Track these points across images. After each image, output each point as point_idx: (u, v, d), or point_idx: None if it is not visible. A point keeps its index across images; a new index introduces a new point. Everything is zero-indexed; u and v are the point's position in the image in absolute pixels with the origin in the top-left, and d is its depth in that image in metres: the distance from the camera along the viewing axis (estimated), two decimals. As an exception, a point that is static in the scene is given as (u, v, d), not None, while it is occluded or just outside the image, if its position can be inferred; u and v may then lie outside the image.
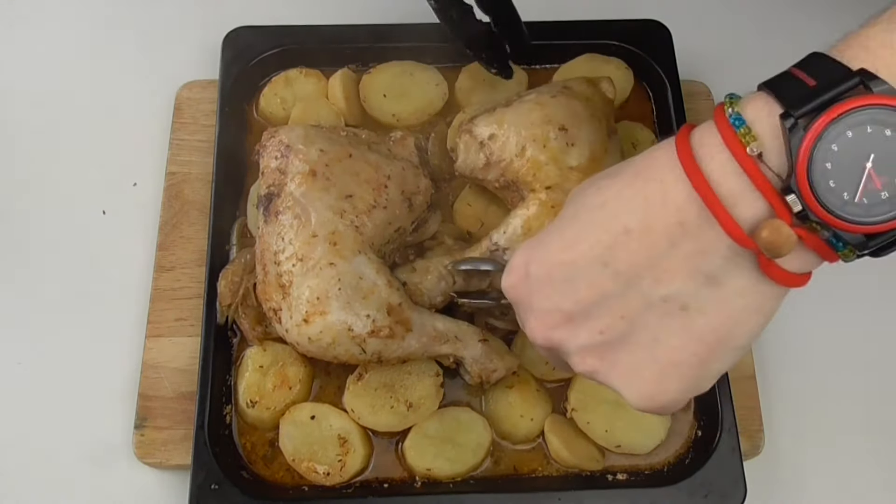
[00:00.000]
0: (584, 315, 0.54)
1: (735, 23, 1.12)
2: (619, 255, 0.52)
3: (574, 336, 0.55)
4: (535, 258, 0.57)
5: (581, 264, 0.54)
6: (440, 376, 0.85)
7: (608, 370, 0.55)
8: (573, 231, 0.55)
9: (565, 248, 0.55)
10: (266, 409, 0.84)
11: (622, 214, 0.53)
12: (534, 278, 0.56)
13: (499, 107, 0.90)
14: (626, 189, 0.53)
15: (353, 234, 0.82)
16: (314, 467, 0.82)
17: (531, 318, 0.57)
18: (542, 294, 0.56)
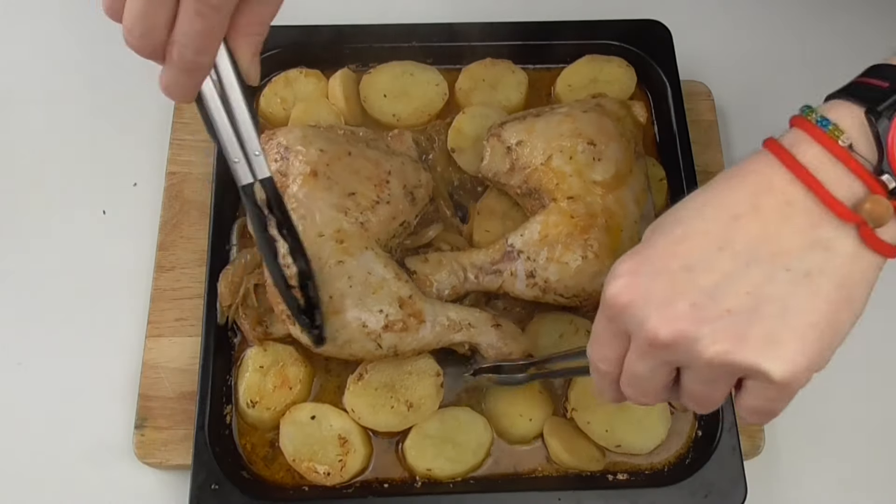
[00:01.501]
0: (708, 298, 0.55)
1: (735, 23, 1.12)
2: (733, 237, 0.55)
3: (702, 321, 0.55)
4: (643, 258, 0.58)
5: (696, 253, 0.56)
6: (440, 376, 0.85)
7: (741, 347, 0.55)
8: (679, 230, 0.57)
9: (675, 242, 0.57)
10: (266, 409, 0.84)
11: (728, 206, 0.56)
12: (646, 275, 0.57)
13: (529, 115, 0.90)
14: (724, 189, 0.58)
15: (359, 231, 0.82)
16: (314, 467, 0.82)
17: (651, 315, 0.56)
18: (659, 288, 0.56)
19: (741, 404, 0.59)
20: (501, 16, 1.05)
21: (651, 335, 0.56)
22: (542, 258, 0.84)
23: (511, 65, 1.01)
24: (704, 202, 0.58)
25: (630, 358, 0.59)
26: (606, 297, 0.58)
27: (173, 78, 0.64)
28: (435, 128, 0.98)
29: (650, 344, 0.57)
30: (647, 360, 0.58)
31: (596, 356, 0.62)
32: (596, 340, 0.62)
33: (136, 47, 0.63)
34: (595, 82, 1.00)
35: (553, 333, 0.88)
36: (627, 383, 0.61)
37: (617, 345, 0.60)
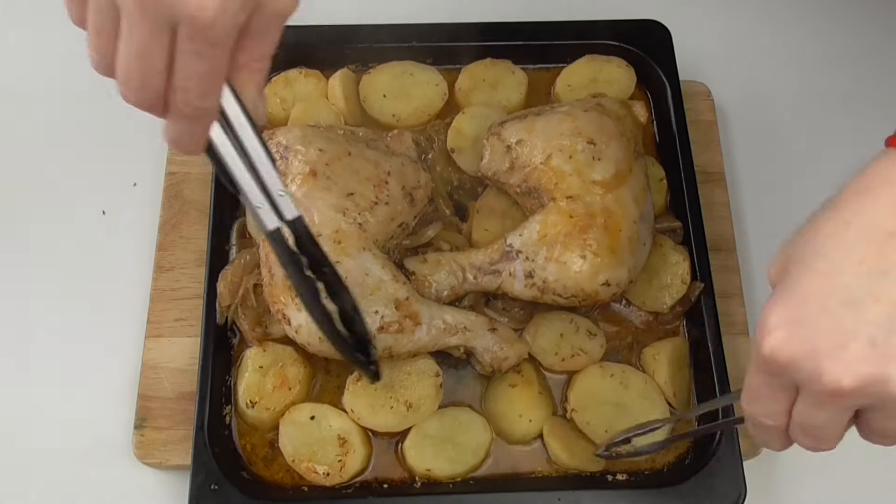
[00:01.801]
0: (887, 332, 0.50)
1: (735, 23, 1.12)
2: (893, 259, 0.51)
3: (887, 358, 0.50)
4: (796, 303, 0.52)
5: (857, 283, 0.51)
6: (440, 377, 0.85)
7: None
8: (826, 262, 0.52)
9: (829, 276, 0.51)
10: (266, 409, 0.84)
11: (874, 225, 0.51)
12: (807, 321, 0.51)
13: (530, 114, 0.90)
14: (864, 204, 0.52)
15: (357, 232, 0.82)
16: (314, 468, 0.82)
17: (826, 364, 0.51)
18: (827, 332, 0.51)
19: None
20: (501, 16, 1.05)
21: (832, 386, 0.51)
22: (541, 258, 0.84)
23: (511, 65, 1.01)
24: (844, 225, 0.52)
25: (804, 409, 0.54)
26: (764, 354, 0.53)
27: (180, 128, 0.59)
28: (435, 128, 0.98)
29: (831, 395, 0.51)
30: (826, 409, 0.53)
31: (759, 413, 0.57)
32: (756, 397, 0.57)
33: (135, 101, 0.57)
34: (595, 82, 1.00)
35: (553, 333, 0.88)
36: (803, 434, 0.56)
37: (783, 398, 0.55)
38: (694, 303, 0.90)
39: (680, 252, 0.91)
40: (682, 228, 0.93)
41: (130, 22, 0.55)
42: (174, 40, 0.55)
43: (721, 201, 0.97)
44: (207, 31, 0.54)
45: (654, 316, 0.91)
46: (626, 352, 0.90)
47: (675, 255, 0.91)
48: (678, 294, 0.90)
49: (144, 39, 0.55)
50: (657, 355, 0.88)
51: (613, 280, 0.83)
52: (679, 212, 0.94)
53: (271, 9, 0.59)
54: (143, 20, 0.54)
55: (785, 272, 0.54)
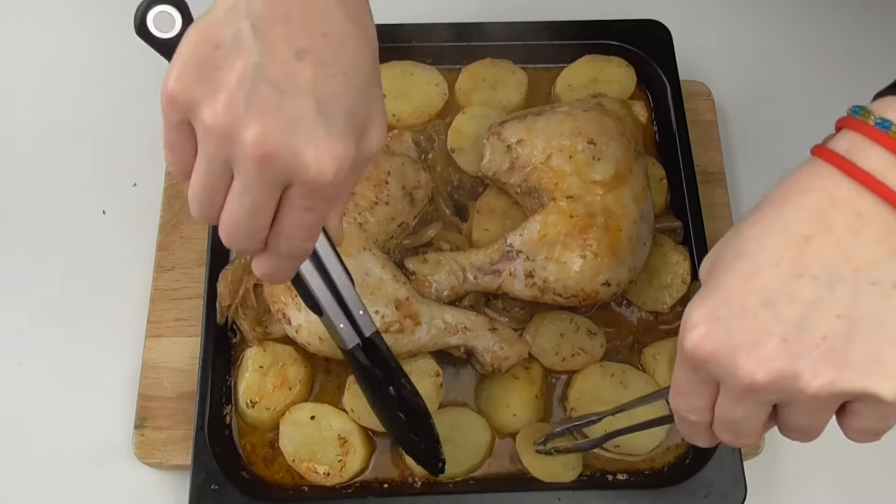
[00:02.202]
0: (798, 330, 0.52)
1: (735, 23, 1.12)
2: (808, 262, 0.52)
3: (797, 355, 0.52)
4: (717, 301, 0.54)
5: (774, 284, 0.53)
6: (440, 376, 0.85)
7: (845, 374, 0.52)
8: (747, 263, 0.54)
9: (747, 277, 0.53)
10: (266, 409, 0.84)
11: (794, 229, 0.53)
12: (727, 319, 0.53)
13: (530, 114, 0.91)
14: (785, 208, 0.54)
15: (357, 232, 0.82)
16: (314, 468, 0.82)
17: (742, 359, 0.53)
18: (743, 329, 0.53)
19: (850, 427, 0.56)
20: (501, 16, 1.05)
21: (747, 381, 0.53)
22: (541, 258, 0.84)
23: (511, 65, 1.01)
24: (766, 229, 0.54)
25: (723, 404, 0.56)
26: (686, 350, 0.55)
27: (276, 266, 0.61)
28: (435, 128, 0.98)
29: (747, 389, 0.53)
30: (744, 404, 0.55)
31: (683, 408, 0.59)
32: (681, 393, 0.59)
33: (238, 248, 0.59)
34: (595, 82, 1.00)
35: (554, 333, 0.88)
36: (723, 429, 0.58)
37: (706, 393, 0.57)
38: (694, 303, 0.90)
39: (680, 252, 0.91)
40: (682, 228, 0.93)
41: (246, 183, 0.55)
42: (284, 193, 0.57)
43: (721, 201, 0.97)
44: (322, 191, 0.56)
45: (655, 316, 0.91)
46: (627, 352, 0.90)
47: (675, 255, 0.91)
48: (678, 294, 0.90)
49: (259, 199, 0.56)
50: (657, 355, 0.88)
51: (614, 280, 0.83)
52: (679, 212, 0.94)
53: (365, 151, 0.60)
54: (261, 182, 0.55)
55: (710, 272, 0.56)
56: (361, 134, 0.59)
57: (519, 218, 0.92)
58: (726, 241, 0.57)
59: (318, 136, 0.55)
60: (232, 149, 0.54)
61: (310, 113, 0.54)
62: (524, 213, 0.91)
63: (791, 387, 0.53)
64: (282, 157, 0.54)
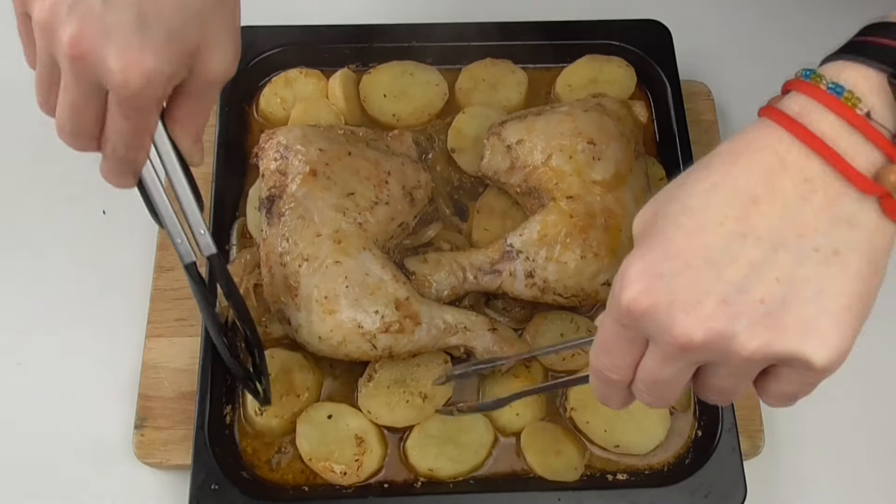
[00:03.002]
0: (738, 291, 0.52)
1: (735, 23, 1.13)
2: (754, 223, 0.52)
3: (735, 316, 0.52)
4: (659, 256, 0.53)
5: (717, 244, 0.52)
6: (449, 363, 0.86)
7: (781, 337, 0.52)
8: (692, 220, 0.53)
9: (693, 233, 0.53)
10: (274, 417, 0.84)
11: (741, 189, 0.53)
12: (668, 275, 0.53)
13: (530, 114, 0.91)
14: (733, 167, 0.54)
15: (357, 232, 0.82)
16: (331, 467, 0.82)
17: (680, 317, 0.52)
18: (682, 288, 0.52)
19: (770, 391, 0.56)
20: (501, 16, 1.05)
21: (682, 339, 0.53)
22: (541, 258, 0.84)
23: (511, 65, 1.01)
24: (712, 187, 0.54)
25: (650, 364, 0.56)
26: (621, 304, 0.54)
27: (110, 170, 0.66)
28: (435, 128, 0.99)
29: (681, 348, 0.53)
30: (672, 363, 0.55)
31: (605, 366, 0.59)
32: (604, 350, 0.58)
33: (70, 143, 0.64)
34: (595, 82, 1.00)
35: (554, 333, 0.88)
36: (646, 389, 0.58)
37: (631, 351, 0.57)
38: (694, 303, 0.90)
39: (680, 252, 0.91)
40: (682, 228, 0.93)
41: (65, 80, 0.61)
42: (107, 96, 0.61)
43: (721, 201, 0.97)
44: (132, 101, 0.60)
45: (655, 316, 0.91)
46: (626, 352, 0.90)
47: (675, 255, 0.91)
48: (678, 294, 0.90)
49: (77, 97, 0.61)
50: (657, 355, 0.88)
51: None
52: (679, 212, 0.94)
53: (203, 76, 0.64)
54: (76, 82, 0.60)
55: (651, 226, 0.55)
56: (192, 57, 0.63)
57: (519, 218, 0.92)
58: (669, 196, 0.56)
59: (129, 46, 0.59)
60: (53, 45, 0.60)
61: (127, 23, 0.59)
62: (524, 213, 0.91)
63: (726, 347, 0.53)
64: (91, 60, 0.58)
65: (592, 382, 0.62)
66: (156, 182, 0.68)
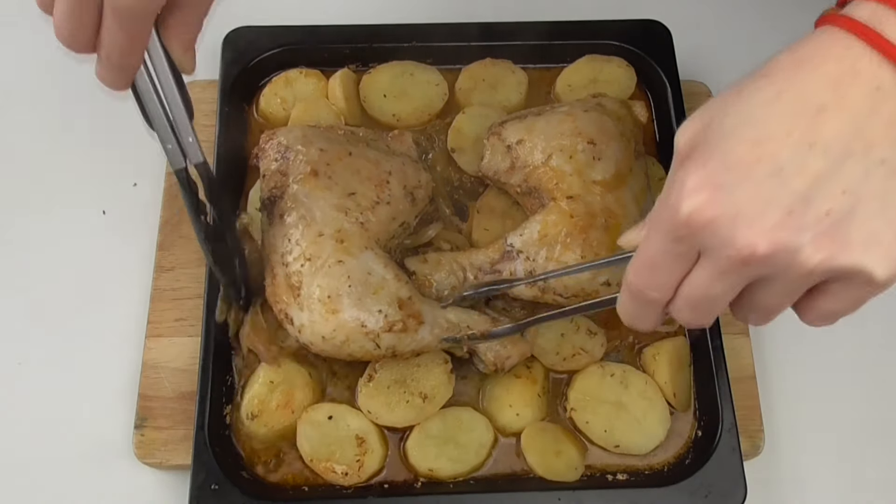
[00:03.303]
0: (804, 203, 0.51)
1: (735, 23, 1.13)
2: (822, 133, 0.51)
3: (800, 228, 0.51)
4: (719, 167, 0.52)
5: (784, 153, 0.51)
6: (448, 363, 0.86)
7: (844, 250, 0.51)
8: (756, 129, 0.52)
9: (757, 143, 0.51)
10: (264, 425, 0.84)
11: (808, 98, 0.51)
12: (730, 186, 0.51)
13: (530, 114, 0.91)
14: (798, 76, 0.52)
15: (359, 231, 0.82)
16: (332, 467, 0.82)
17: (742, 229, 0.51)
18: (748, 198, 0.51)
19: (815, 308, 0.56)
20: (501, 16, 1.05)
21: (745, 252, 0.51)
22: (542, 258, 0.84)
23: (511, 65, 1.01)
24: (775, 96, 0.52)
25: (700, 279, 0.54)
26: (679, 216, 0.52)
27: (104, 72, 0.66)
28: (435, 128, 0.99)
29: (742, 261, 0.52)
30: (727, 278, 0.53)
31: (646, 284, 0.57)
32: (648, 267, 0.56)
33: (66, 44, 0.64)
34: (595, 82, 1.00)
35: (554, 332, 0.88)
36: (688, 308, 0.56)
37: (679, 268, 0.55)
38: (694, 303, 0.90)
39: (680, 252, 0.91)
40: (682, 228, 0.93)
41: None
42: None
43: (721, 201, 0.97)
44: (125, 10, 0.61)
45: (655, 316, 0.91)
46: (627, 352, 0.90)
47: (675, 255, 0.91)
48: (678, 294, 0.90)
49: (73, 2, 0.61)
50: (657, 355, 0.88)
51: (614, 280, 0.83)
52: (679, 212, 0.94)
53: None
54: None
55: (704, 138, 0.54)
56: None
57: (519, 218, 0.92)
58: (723, 107, 0.54)
59: None
60: None
61: None
62: (524, 213, 0.91)
63: (788, 261, 0.51)
64: None
65: (624, 303, 0.60)
66: (149, 88, 0.69)
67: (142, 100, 0.70)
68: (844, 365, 0.93)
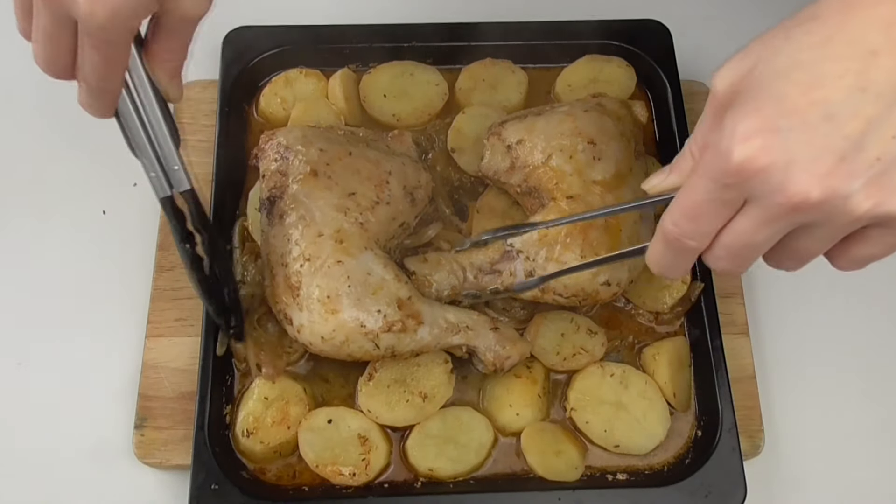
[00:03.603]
0: (856, 148, 0.50)
1: (735, 23, 1.12)
2: (874, 77, 0.50)
3: (852, 174, 0.50)
4: (774, 112, 0.51)
5: (837, 97, 0.50)
6: (449, 363, 0.86)
7: (892, 196, 0.51)
8: (807, 73, 0.51)
9: (809, 88, 0.50)
10: (260, 442, 0.83)
11: (860, 41, 0.51)
12: (785, 130, 0.50)
13: (530, 114, 0.90)
14: (848, 19, 0.51)
15: (359, 231, 0.82)
16: (339, 470, 0.82)
17: (796, 174, 0.50)
18: (802, 143, 0.50)
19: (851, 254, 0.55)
20: (501, 16, 1.05)
21: (798, 199, 0.50)
22: (541, 258, 0.84)
23: (511, 65, 1.01)
24: (826, 39, 0.51)
25: (745, 227, 0.54)
26: (731, 162, 0.51)
27: (85, 98, 0.66)
28: (435, 128, 0.99)
29: (793, 208, 0.51)
30: (774, 225, 0.53)
31: (686, 232, 0.56)
32: (690, 214, 0.56)
33: (45, 69, 0.65)
34: (595, 82, 1.00)
35: (554, 332, 0.88)
36: (728, 256, 0.56)
37: (724, 216, 0.55)
38: (694, 303, 0.90)
39: (680, 252, 0.91)
40: (682, 228, 0.93)
41: (37, 8, 0.62)
42: None
43: (721, 201, 0.97)
44: (100, 33, 0.60)
45: (655, 316, 0.91)
46: (627, 352, 0.90)
47: (675, 255, 0.91)
48: (678, 294, 0.90)
49: (49, 26, 0.62)
50: (657, 355, 0.88)
51: (614, 280, 0.83)
52: (679, 212, 0.94)
53: (178, 13, 0.65)
54: (46, 11, 0.61)
55: (750, 82, 0.53)
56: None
57: (519, 218, 0.92)
58: (770, 49, 0.53)
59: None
60: None
61: None
62: (524, 213, 0.91)
63: (839, 207, 0.51)
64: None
65: (657, 252, 0.60)
66: (132, 115, 0.69)
67: (125, 127, 0.70)
68: (844, 365, 0.93)
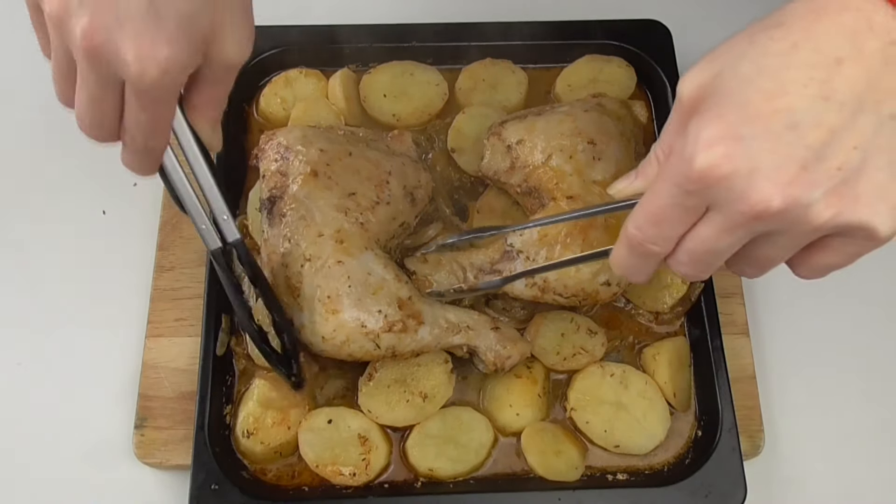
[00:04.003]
0: (817, 158, 0.50)
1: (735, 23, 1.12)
2: (837, 86, 0.50)
3: (813, 184, 0.50)
4: (738, 119, 0.51)
5: (801, 106, 0.50)
6: (449, 363, 0.86)
7: (852, 206, 0.51)
8: (772, 80, 0.51)
9: (773, 95, 0.50)
10: (260, 443, 0.83)
11: (826, 50, 0.51)
12: (748, 138, 0.50)
13: (530, 114, 0.90)
14: (814, 27, 0.52)
15: (359, 232, 0.82)
16: (339, 470, 0.82)
17: (758, 182, 0.50)
18: (764, 151, 0.50)
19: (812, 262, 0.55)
20: (501, 16, 1.05)
21: (759, 207, 0.50)
22: (542, 258, 0.84)
23: (511, 65, 1.01)
24: (792, 47, 0.51)
25: (707, 233, 0.54)
26: (694, 169, 0.51)
27: (130, 158, 0.66)
28: (435, 128, 0.99)
29: (755, 216, 0.51)
30: (735, 233, 0.53)
31: (649, 237, 0.57)
32: (654, 220, 0.56)
33: (90, 135, 0.64)
34: (595, 82, 1.00)
35: (554, 332, 0.88)
36: (691, 261, 0.56)
37: (686, 222, 0.55)
38: (694, 303, 0.90)
39: (680, 252, 0.91)
40: (682, 228, 0.93)
41: (81, 73, 0.60)
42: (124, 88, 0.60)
43: (721, 201, 0.97)
44: (149, 92, 0.59)
45: (655, 316, 0.91)
46: (627, 351, 0.90)
47: (675, 255, 0.91)
48: (678, 294, 0.90)
49: (95, 90, 0.60)
50: (657, 355, 0.88)
51: (614, 280, 0.83)
52: (679, 212, 0.94)
53: (219, 61, 0.64)
54: (92, 75, 0.59)
55: (715, 88, 0.53)
56: (207, 43, 0.62)
57: (519, 217, 0.92)
58: (735, 55, 0.53)
59: (143, 36, 0.57)
60: (67, 38, 0.59)
61: (139, 12, 0.57)
62: (524, 213, 0.91)
63: (799, 216, 0.51)
64: (105, 53, 0.58)
65: (621, 255, 0.60)
66: (177, 169, 0.68)
67: (171, 182, 0.69)
68: (844, 365, 0.93)
